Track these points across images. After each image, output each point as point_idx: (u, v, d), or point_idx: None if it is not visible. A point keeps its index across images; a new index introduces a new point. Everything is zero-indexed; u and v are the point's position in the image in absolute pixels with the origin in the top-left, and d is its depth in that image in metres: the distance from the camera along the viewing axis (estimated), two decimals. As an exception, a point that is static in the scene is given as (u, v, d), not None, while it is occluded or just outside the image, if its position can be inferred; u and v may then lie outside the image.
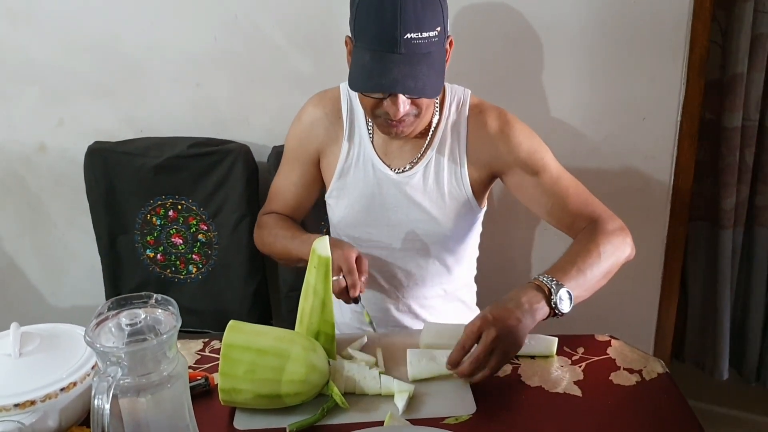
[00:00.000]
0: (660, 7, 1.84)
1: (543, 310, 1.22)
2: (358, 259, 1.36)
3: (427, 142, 1.48)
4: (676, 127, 1.97)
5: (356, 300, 1.37)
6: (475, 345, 1.19)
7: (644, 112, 1.96)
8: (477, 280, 1.73)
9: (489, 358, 1.18)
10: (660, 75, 1.92)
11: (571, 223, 1.44)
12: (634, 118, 1.96)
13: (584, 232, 1.39)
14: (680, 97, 1.94)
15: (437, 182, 1.48)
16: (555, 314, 1.24)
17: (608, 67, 1.91)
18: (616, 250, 1.35)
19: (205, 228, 1.96)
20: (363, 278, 1.35)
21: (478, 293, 1.74)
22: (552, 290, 1.23)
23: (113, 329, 0.93)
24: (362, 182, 1.50)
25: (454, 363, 1.20)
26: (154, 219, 1.96)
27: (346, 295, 1.35)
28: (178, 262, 2.01)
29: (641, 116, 1.96)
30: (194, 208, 1.94)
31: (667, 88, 1.93)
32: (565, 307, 1.24)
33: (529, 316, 1.20)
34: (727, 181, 2.07)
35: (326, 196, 1.57)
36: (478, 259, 1.70)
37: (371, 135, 1.50)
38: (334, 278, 1.34)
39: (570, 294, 1.24)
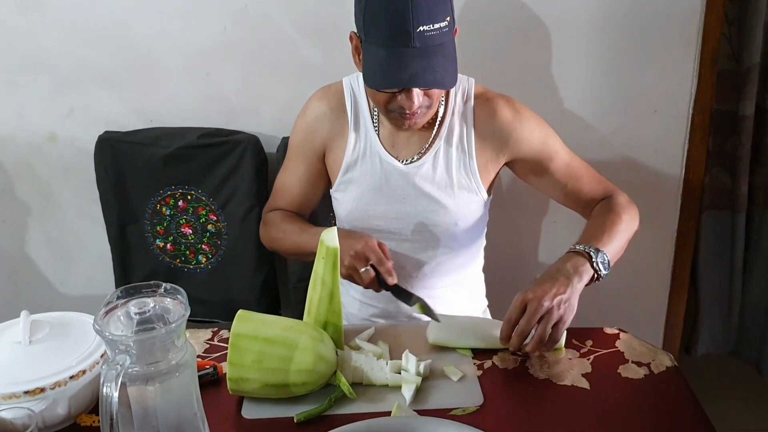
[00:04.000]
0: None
1: (589, 272, 1.29)
2: (380, 247, 1.36)
3: (434, 132, 1.48)
4: (687, 120, 1.96)
5: (387, 287, 1.35)
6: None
7: (655, 105, 1.94)
8: (484, 269, 1.73)
9: (536, 328, 1.21)
10: (672, 67, 1.90)
11: (587, 202, 1.52)
12: (646, 110, 1.95)
13: (603, 204, 1.48)
14: (692, 89, 1.92)
15: (446, 172, 1.48)
16: (596, 278, 1.30)
17: (620, 60, 1.90)
18: (632, 220, 1.45)
19: (215, 218, 1.97)
20: (391, 264, 1.35)
21: (486, 282, 1.74)
22: (592, 255, 1.30)
23: (122, 318, 0.94)
24: (369, 175, 1.50)
25: (505, 338, 1.24)
26: (163, 209, 1.97)
27: (376, 284, 1.35)
28: (187, 252, 2.01)
29: (652, 109, 1.95)
30: (204, 198, 1.95)
31: (679, 80, 1.92)
32: (604, 269, 1.30)
33: (577, 278, 1.26)
34: (744, 168, 2.07)
35: (332, 190, 1.57)
36: (486, 249, 1.70)
37: (377, 128, 1.50)
38: (362, 269, 1.33)
39: (607, 257, 1.31)
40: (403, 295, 1.35)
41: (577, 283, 1.25)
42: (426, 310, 1.31)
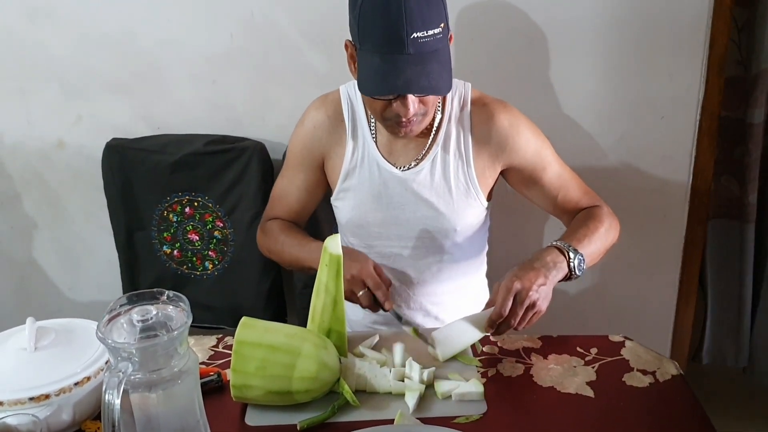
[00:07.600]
0: (679, 4, 1.82)
1: (564, 270, 1.33)
2: (376, 270, 1.38)
3: (431, 138, 1.48)
4: (695, 125, 1.95)
5: (386, 309, 1.37)
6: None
7: (662, 111, 1.94)
8: (488, 274, 1.72)
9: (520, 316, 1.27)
10: (679, 73, 1.89)
11: (575, 213, 1.53)
12: (653, 116, 1.94)
13: (587, 211, 1.50)
14: (699, 95, 1.91)
15: (444, 177, 1.48)
16: (570, 277, 1.34)
17: (626, 65, 1.89)
18: (612, 230, 1.47)
19: (221, 225, 1.97)
20: (389, 289, 1.38)
21: (489, 287, 1.73)
22: (570, 255, 1.34)
23: (125, 325, 0.94)
24: (368, 182, 1.50)
25: (492, 325, 1.28)
26: (170, 215, 1.98)
27: (375, 306, 1.37)
28: (194, 259, 2.02)
29: (660, 115, 1.94)
30: (210, 205, 1.95)
31: (686, 86, 1.91)
32: (579, 271, 1.34)
33: (554, 272, 1.31)
34: (753, 176, 2.06)
35: (332, 198, 1.57)
36: (489, 254, 1.70)
37: (374, 135, 1.50)
38: (360, 293, 1.35)
39: (583, 259, 1.35)
40: (399, 318, 1.39)
41: (554, 277, 1.31)
42: (419, 334, 1.33)
